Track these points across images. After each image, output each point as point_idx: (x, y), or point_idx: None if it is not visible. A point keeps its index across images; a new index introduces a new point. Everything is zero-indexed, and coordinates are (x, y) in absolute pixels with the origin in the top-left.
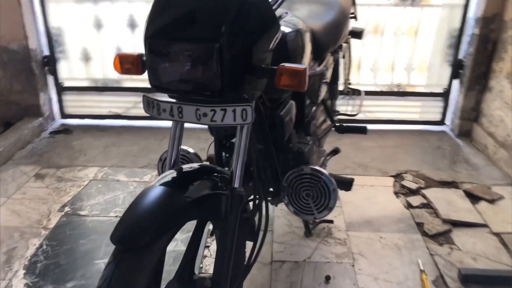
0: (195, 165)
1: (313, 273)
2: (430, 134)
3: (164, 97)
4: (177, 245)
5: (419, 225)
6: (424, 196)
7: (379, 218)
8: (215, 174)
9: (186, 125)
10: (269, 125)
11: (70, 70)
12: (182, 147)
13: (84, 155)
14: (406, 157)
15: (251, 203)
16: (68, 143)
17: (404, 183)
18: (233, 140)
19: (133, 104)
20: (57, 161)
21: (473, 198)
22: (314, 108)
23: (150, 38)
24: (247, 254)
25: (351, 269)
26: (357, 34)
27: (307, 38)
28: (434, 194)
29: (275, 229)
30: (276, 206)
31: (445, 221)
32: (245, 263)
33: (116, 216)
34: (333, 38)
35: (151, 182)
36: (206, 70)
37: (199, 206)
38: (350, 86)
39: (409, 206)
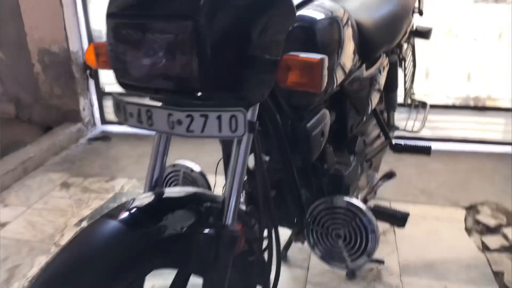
0: (185, 189)
1: None
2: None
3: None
4: None
5: (497, 275)
6: (505, 237)
7: (444, 262)
8: (207, 203)
9: None
10: (291, 141)
11: (112, 75)
12: (187, 163)
13: (116, 165)
14: (483, 185)
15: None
16: (103, 151)
17: (480, 217)
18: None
19: None
20: (87, 169)
21: None
22: (362, 121)
23: (111, 16)
24: None
25: None
26: (423, 33)
27: (348, 30)
28: None
29: (311, 265)
30: (302, 244)
31: None
32: None
33: None
34: (388, 35)
35: (110, 210)
36: (181, 58)
37: (171, 250)
38: (413, 97)
39: (484, 248)
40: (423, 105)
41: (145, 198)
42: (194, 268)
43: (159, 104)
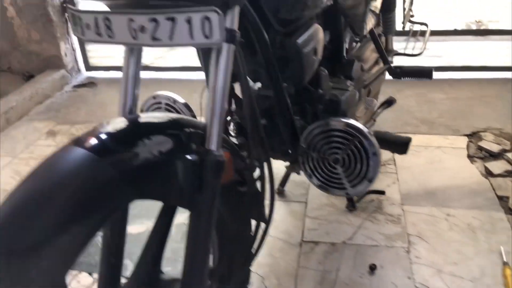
0: (164, 114)
1: (353, 259)
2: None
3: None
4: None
5: (502, 200)
6: (509, 161)
7: (447, 189)
8: (189, 129)
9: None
10: (280, 59)
11: None
12: (168, 94)
13: (104, 110)
14: (485, 112)
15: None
16: (90, 97)
17: (482, 144)
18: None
19: (161, 54)
20: (73, 117)
21: None
22: (359, 44)
23: None
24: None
25: (405, 256)
26: None
27: None
28: None
29: (309, 199)
30: (298, 174)
31: None
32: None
33: None
34: None
35: (76, 137)
36: None
37: (149, 179)
38: (412, 20)
39: (488, 174)
40: (422, 30)
41: (117, 123)
42: (178, 199)
43: (100, 11)
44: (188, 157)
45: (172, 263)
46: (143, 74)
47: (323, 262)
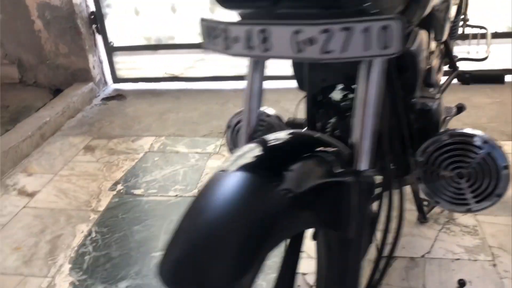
0: (285, 133)
1: (438, 274)
2: None
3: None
4: None
5: None
6: None
7: None
8: (321, 148)
9: None
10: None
11: (119, 28)
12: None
13: (139, 124)
14: None
15: None
16: (121, 110)
17: None
18: (334, 96)
19: (191, 64)
20: (109, 131)
21: None
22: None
23: None
24: None
25: (492, 270)
26: None
27: None
28: None
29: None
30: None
31: None
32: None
33: (176, 196)
34: None
35: (223, 163)
36: None
37: (315, 206)
38: (469, 23)
39: None
40: (481, 34)
41: (255, 148)
42: (330, 222)
43: (255, 23)
44: (343, 179)
45: None
46: (174, 85)
47: (406, 278)
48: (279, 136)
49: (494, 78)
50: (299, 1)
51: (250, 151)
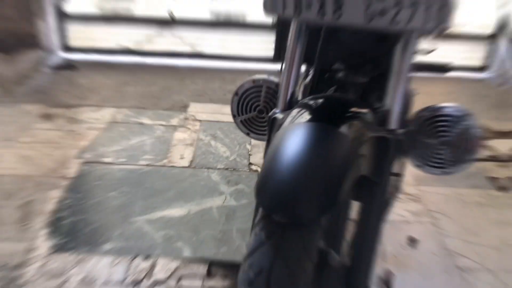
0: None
1: (392, 232)
2: (470, 82)
3: None
4: (226, 199)
5: (491, 179)
6: (492, 149)
7: None
8: (354, 110)
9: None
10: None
11: None
12: (266, 77)
13: (97, 95)
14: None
15: None
16: (75, 81)
17: None
18: (337, 67)
19: (147, 38)
20: (65, 100)
21: None
22: None
23: None
24: None
25: (433, 229)
26: None
27: None
28: (498, 146)
29: None
30: None
31: None
32: None
33: (148, 165)
34: None
35: (287, 119)
36: None
37: (366, 154)
38: None
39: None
40: None
41: (313, 103)
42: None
43: None
44: (386, 134)
45: None
46: (129, 59)
47: None
48: (325, 98)
49: (439, 68)
50: None
51: (307, 109)
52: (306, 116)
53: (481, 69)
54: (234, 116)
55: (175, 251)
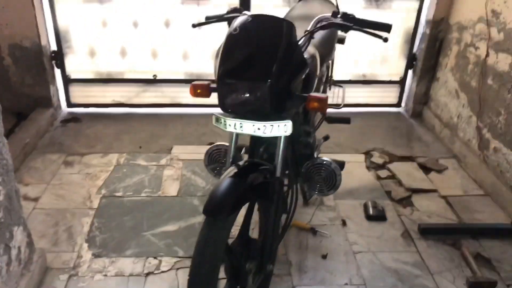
0: (246, 162)
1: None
2: (389, 115)
3: (228, 116)
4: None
5: (388, 193)
6: (389, 170)
7: (358, 188)
8: (262, 167)
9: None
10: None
11: (76, 64)
12: (223, 143)
13: (101, 142)
14: (372, 137)
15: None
16: (81, 131)
17: (373, 159)
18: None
19: (135, 94)
20: (78, 149)
21: (426, 169)
22: None
23: (221, 78)
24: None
25: (342, 229)
26: (342, 40)
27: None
28: (396, 167)
29: None
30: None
31: (407, 189)
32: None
33: (148, 196)
34: (329, 51)
35: (225, 174)
36: (260, 99)
37: (256, 190)
38: (334, 80)
39: (378, 178)
40: (340, 86)
41: (235, 168)
42: (264, 198)
43: (245, 120)
44: (269, 180)
45: None
46: (121, 110)
47: (298, 236)
48: (243, 164)
49: (345, 120)
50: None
51: (233, 170)
52: (232, 173)
53: (395, 105)
54: (206, 165)
55: (173, 252)
